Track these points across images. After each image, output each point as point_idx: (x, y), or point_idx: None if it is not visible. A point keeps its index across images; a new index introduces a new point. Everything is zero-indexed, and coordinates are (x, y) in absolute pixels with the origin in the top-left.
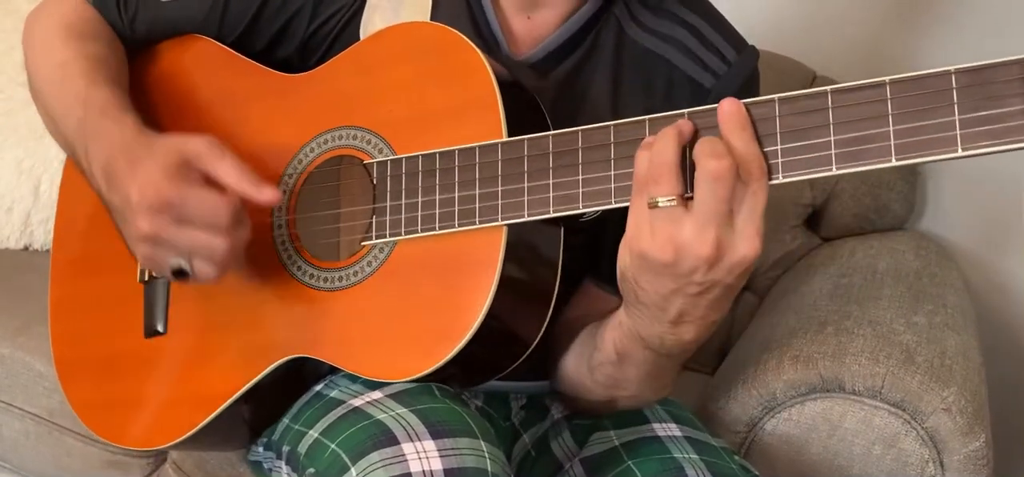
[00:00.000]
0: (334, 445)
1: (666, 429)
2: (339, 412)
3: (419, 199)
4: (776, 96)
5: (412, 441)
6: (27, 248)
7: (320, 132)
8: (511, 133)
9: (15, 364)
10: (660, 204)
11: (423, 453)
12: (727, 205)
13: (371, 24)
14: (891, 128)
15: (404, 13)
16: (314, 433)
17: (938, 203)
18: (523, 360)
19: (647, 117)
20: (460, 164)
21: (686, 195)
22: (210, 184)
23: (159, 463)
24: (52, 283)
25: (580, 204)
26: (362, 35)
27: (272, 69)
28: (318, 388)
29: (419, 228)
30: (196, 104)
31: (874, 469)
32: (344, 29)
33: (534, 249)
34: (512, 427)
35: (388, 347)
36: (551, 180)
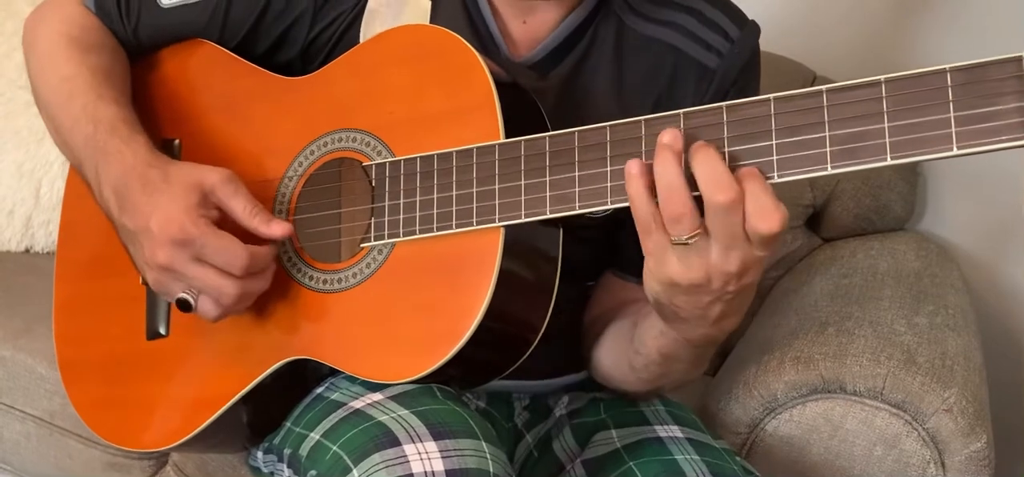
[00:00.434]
0: (336, 447)
1: (667, 430)
2: (340, 414)
3: (417, 200)
4: (771, 95)
5: (414, 442)
6: (28, 250)
7: (320, 135)
8: (509, 134)
9: (16, 366)
10: (685, 241)
11: (425, 454)
12: (741, 226)
13: (371, 29)
14: (886, 126)
15: (404, 17)
16: (315, 435)
17: (939, 204)
18: (525, 359)
19: (643, 118)
20: (457, 165)
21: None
22: (225, 219)
23: (160, 465)
24: (56, 284)
25: (576, 205)
26: (362, 39)
27: (273, 73)
28: (319, 390)
29: (417, 229)
30: (198, 107)
31: (875, 470)
32: (345, 33)
33: (532, 249)
34: (515, 428)
35: (386, 349)
36: (548, 180)
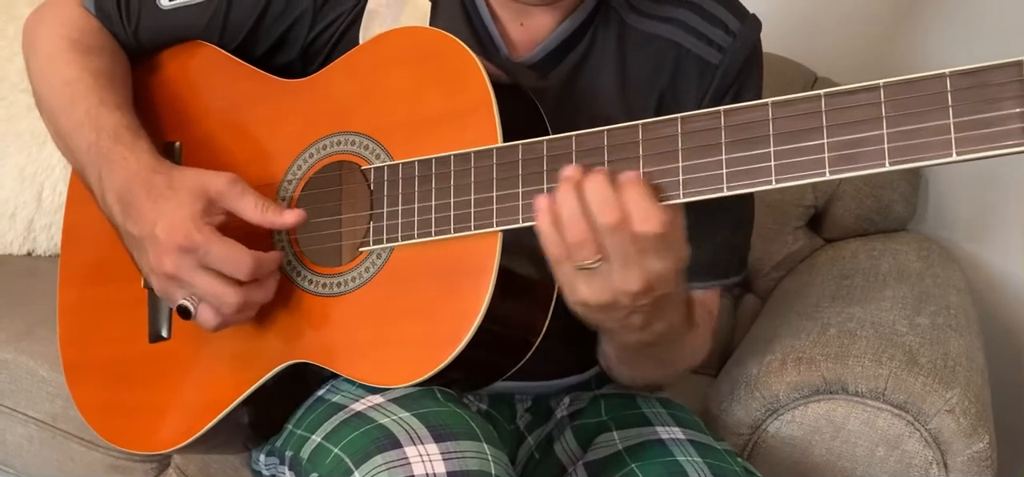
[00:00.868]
0: (337, 449)
1: (669, 432)
2: (341, 417)
3: (415, 205)
4: (769, 100)
5: (415, 444)
6: (30, 254)
7: (319, 137)
8: (507, 137)
9: (18, 369)
10: (588, 266)
11: (426, 456)
12: (635, 244)
13: (370, 30)
14: (885, 132)
15: (403, 18)
16: (317, 438)
17: (941, 204)
18: (528, 361)
19: (640, 122)
20: (455, 169)
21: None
22: (232, 223)
23: (162, 468)
24: (60, 288)
25: None
26: (361, 40)
27: (273, 75)
28: (320, 393)
29: (415, 234)
30: (199, 110)
31: (878, 471)
32: (345, 34)
33: (531, 253)
34: (517, 430)
35: (385, 353)
36: (545, 185)
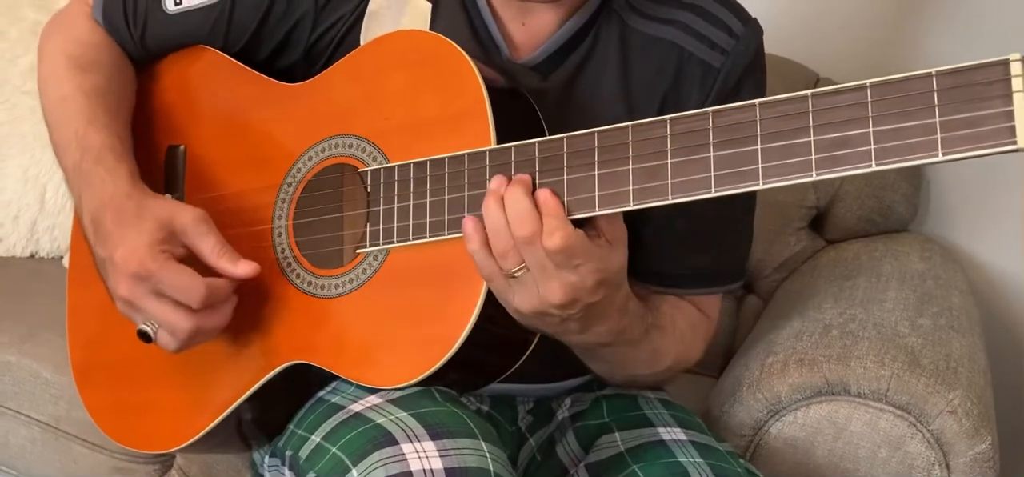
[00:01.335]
0: (335, 449)
1: (671, 433)
2: (340, 417)
3: (410, 206)
4: (757, 101)
5: (412, 442)
6: (33, 256)
7: (318, 140)
8: (501, 140)
9: (21, 371)
10: (514, 274)
11: (423, 453)
12: (549, 257)
13: (371, 31)
14: (871, 132)
15: (404, 21)
16: (316, 438)
17: (943, 205)
18: (528, 362)
19: (630, 123)
20: (449, 171)
21: None
22: (193, 259)
23: (165, 469)
24: (69, 288)
25: (565, 211)
26: (362, 41)
27: (275, 78)
28: (321, 394)
29: (410, 236)
30: (202, 114)
31: (880, 472)
32: (347, 36)
33: None
34: (518, 431)
35: (381, 354)
36: (536, 185)
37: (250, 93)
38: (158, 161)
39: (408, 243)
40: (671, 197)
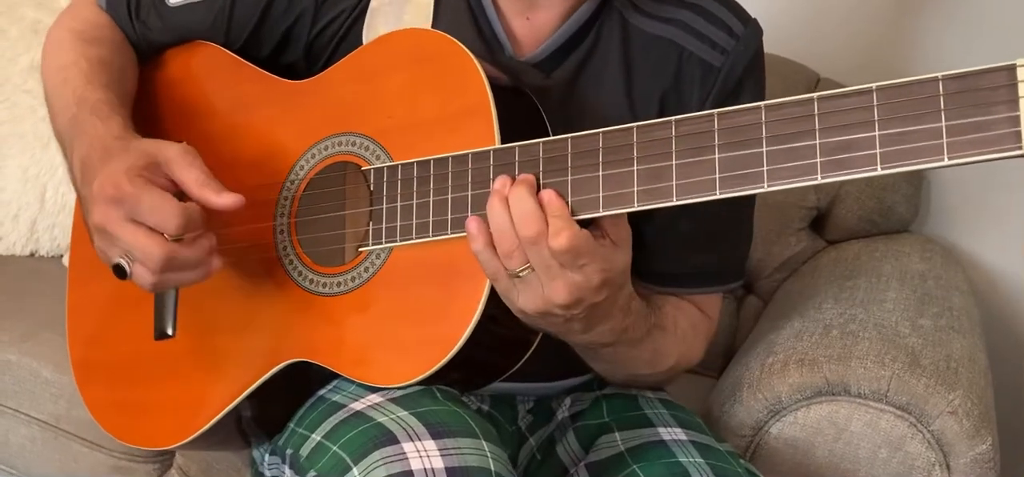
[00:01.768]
0: (336, 447)
1: (671, 433)
2: (341, 416)
3: (414, 205)
4: (762, 103)
5: (412, 441)
6: (33, 254)
7: (320, 138)
8: (505, 139)
9: (21, 370)
10: (519, 274)
11: (424, 452)
12: (554, 257)
13: (373, 29)
14: (877, 135)
15: (406, 18)
16: (317, 437)
17: (943, 206)
18: (529, 361)
19: (635, 124)
20: (453, 170)
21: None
22: (178, 194)
23: (165, 467)
24: (69, 285)
25: (570, 211)
26: (364, 39)
27: (277, 75)
28: (322, 392)
29: (413, 235)
30: (204, 110)
31: (880, 472)
32: (348, 33)
33: None
34: (518, 431)
35: (383, 353)
36: (541, 184)
37: (253, 90)
38: None
39: (411, 242)
40: (676, 199)
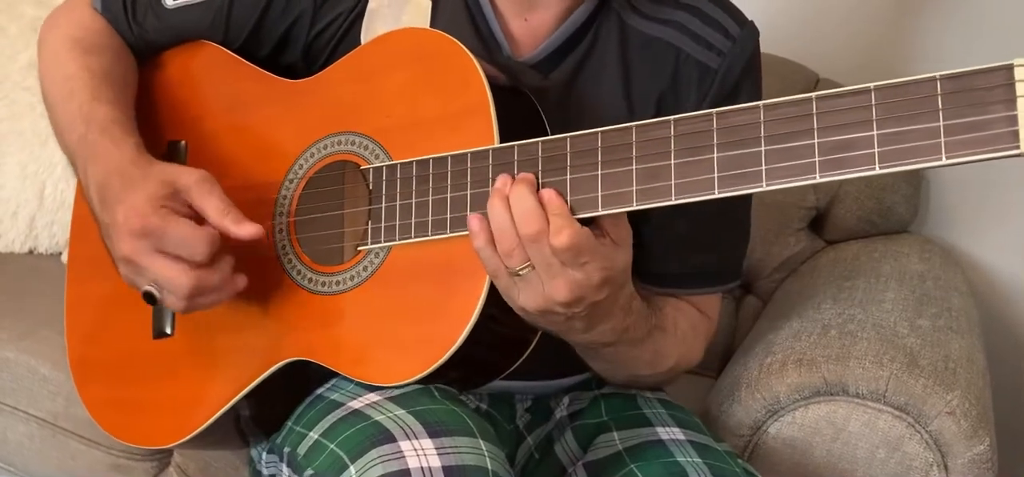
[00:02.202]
0: (333, 445)
1: (670, 433)
2: (338, 414)
3: (413, 204)
4: (760, 103)
5: (410, 439)
6: (32, 252)
7: (320, 137)
8: (504, 139)
9: (20, 367)
10: (520, 272)
11: (421, 451)
12: (555, 255)
13: (372, 30)
14: (875, 134)
15: (405, 18)
16: (314, 435)
17: (942, 206)
18: (527, 360)
19: (634, 123)
20: (452, 169)
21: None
22: (197, 218)
23: (163, 466)
24: (68, 283)
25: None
26: (363, 39)
27: (276, 75)
28: (320, 391)
29: (412, 234)
30: (204, 110)
31: (878, 472)
32: (346, 34)
33: None
34: (516, 430)
35: (381, 351)
36: (540, 184)
37: (252, 89)
38: (159, 156)
39: (409, 241)
40: (675, 198)
